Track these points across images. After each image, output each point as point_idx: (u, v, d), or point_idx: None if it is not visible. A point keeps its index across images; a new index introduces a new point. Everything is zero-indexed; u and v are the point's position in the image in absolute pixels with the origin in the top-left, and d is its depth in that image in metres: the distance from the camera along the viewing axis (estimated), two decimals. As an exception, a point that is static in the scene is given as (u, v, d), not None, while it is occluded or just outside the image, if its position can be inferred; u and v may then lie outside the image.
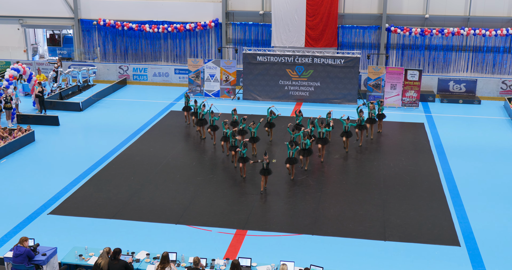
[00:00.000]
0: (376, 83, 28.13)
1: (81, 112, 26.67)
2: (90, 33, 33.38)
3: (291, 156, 18.18)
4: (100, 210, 16.37)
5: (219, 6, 31.71)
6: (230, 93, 29.37)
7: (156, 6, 32.39)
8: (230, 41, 32.27)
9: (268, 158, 17.54)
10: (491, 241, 14.83)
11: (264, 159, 17.39)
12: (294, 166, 18.59)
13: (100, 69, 32.76)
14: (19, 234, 14.70)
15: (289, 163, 18.31)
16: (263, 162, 17.45)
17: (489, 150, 21.88)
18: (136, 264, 12.52)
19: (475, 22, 30.11)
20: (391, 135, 23.87)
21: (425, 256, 14.03)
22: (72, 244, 13.87)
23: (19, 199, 17.13)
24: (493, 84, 29.73)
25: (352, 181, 18.70)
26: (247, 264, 12.37)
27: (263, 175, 17.53)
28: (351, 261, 13.77)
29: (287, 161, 18.33)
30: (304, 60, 28.30)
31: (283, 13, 30.27)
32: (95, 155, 20.88)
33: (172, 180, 18.66)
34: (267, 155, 17.58)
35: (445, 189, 18.09)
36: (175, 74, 32.23)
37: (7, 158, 20.60)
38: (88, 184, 18.24)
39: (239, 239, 14.81)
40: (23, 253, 12.19)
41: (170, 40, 32.73)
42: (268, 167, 17.52)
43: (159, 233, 15.09)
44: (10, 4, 33.61)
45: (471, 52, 30.51)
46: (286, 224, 15.62)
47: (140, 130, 23.89)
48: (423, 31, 29.91)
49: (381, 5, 30.30)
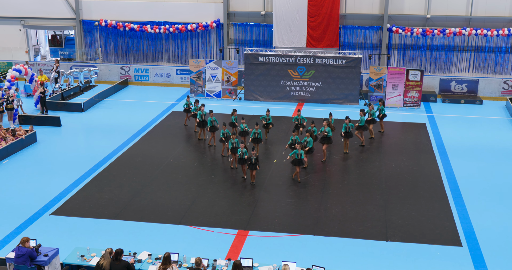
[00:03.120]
0: (378, 83, 28.11)
1: (83, 113, 26.69)
2: (91, 33, 33.42)
3: (299, 158, 18.23)
4: (102, 211, 16.38)
5: (221, 7, 31.73)
6: (232, 93, 29.38)
7: (158, 6, 32.42)
8: (231, 41, 32.28)
9: (255, 153, 18.01)
10: (493, 241, 14.81)
11: (252, 154, 17.90)
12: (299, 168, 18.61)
13: (102, 69, 32.79)
14: (21, 235, 14.71)
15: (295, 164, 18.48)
16: (251, 157, 17.90)
17: (491, 150, 21.85)
18: (138, 264, 12.53)
19: (477, 22, 30.08)
20: (393, 135, 23.85)
21: (427, 256, 14.02)
22: (74, 245, 13.89)
23: (21, 200, 17.15)
24: (495, 84, 29.70)
25: (354, 181, 18.70)
26: (249, 265, 12.37)
27: (243, 165, 18.27)
28: (353, 261, 13.76)
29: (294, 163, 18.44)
30: (306, 61, 28.30)
31: (284, 13, 30.28)
32: (97, 155, 20.90)
33: (173, 180, 18.67)
34: (255, 150, 18.11)
35: (447, 189, 18.07)
36: (176, 74, 32.25)
37: (9, 158, 20.63)
38: (90, 185, 18.26)
39: (241, 239, 14.81)
40: (25, 254, 12.21)
41: (171, 41, 32.75)
42: (255, 162, 17.93)
43: (161, 233, 15.09)
44: (11, 5, 33.67)
45: (473, 52, 30.49)
46: (288, 225, 15.62)
47: (141, 130, 23.90)
48: (425, 31, 29.90)
49: (383, 5, 30.29)
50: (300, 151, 18.32)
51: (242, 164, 18.33)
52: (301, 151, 18.36)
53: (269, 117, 22.08)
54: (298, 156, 18.33)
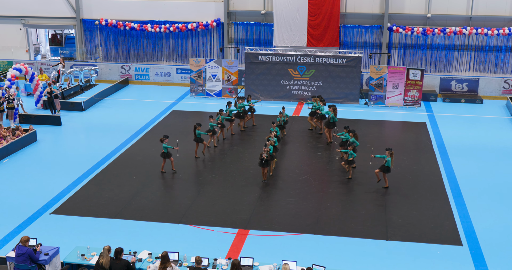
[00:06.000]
0: (378, 82, 28.10)
1: (83, 112, 26.69)
2: (92, 33, 33.41)
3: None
4: (102, 210, 16.38)
5: (221, 6, 31.71)
6: (232, 92, 29.36)
7: (158, 5, 32.40)
8: (232, 40, 32.27)
9: (267, 151, 17.94)
10: (493, 240, 14.81)
11: (264, 151, 17.88)
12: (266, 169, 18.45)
13: (102, 69, 32.78)
14: (22, 234, 14.71)
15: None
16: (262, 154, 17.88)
17: (491, 149, 21.85)
18: (138, 263, 12.53)
19: (477, 22, 30.06)
20: (393, 134, 23.85)
21: (427, 255, 14.02)
22: (74, 244, 13.89)
23: (22, 199, 17.15)
24: (495, 84, 29.68)
25: (354, 181, 18.68)
26: (249, 264, 12.38)
27: (262, 166, 18.16)
28: (353, 260, 13.76)
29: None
30: (306, 60, 28.29)
31: (285, 12, 30.26)
32: (97, 154, 20.90)
33: (174, 179, 18.67)
34: (267, 147, 18.06)
35: (447, 189, 18.07)
36: (177, 73, 32.25)
37: (9, 158, 20.63)
38: (90, 184, 18.26)
39: (241, 238, 14.81)
40: (25, 253, 12.22)
41: (172, 40, 32.74)
42: (267, 159, 17.94)
43: (161, 232, 15.10)
44: (12, 4, 33.65)
45: (473, 51, 30.47)
46: (288, 224, 15.61)
47: (142, 129, 23.90)
48: (425, 31, 29.88)
49: (383, 5, 30.27)
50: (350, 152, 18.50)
51: (261, 166, 18.27)
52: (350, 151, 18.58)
53: (285, 115, 22.30)
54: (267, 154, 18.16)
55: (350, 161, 18.68)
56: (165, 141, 18.90)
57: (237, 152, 21.27)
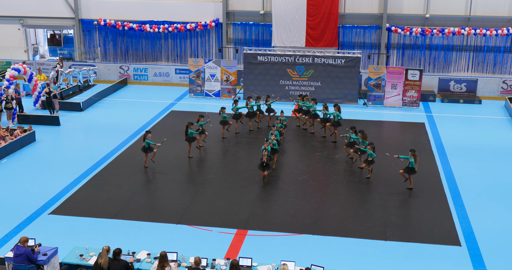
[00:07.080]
0: (377, 83, 28.12)
1: (82, 112, 26.68)
2: (90, 33, 33.39)
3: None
4: (101, 210, 16.37)
5: (220, 6, 31.71)
6: (231, 93, 29.37)
7: (157, 6, 32.40)
8: (230, 41, 32.27)
9: (267, 154, 18.06)
10: (492, 240, 14.82)
11: (264, 154, 17.98)
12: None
13: (101, 69, 32.77)
14: (20, 234, 14.70)
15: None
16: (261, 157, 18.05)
17: (490, 149, 21.87)
18: (136, 264, 12.53)
19: (476, 22, 30.10)
20: (392, 135, 23.87)
21: (425, 256, 14.03)
22: (73, 244, 13.88)
23: (20, 199, 17.13)
24: (494, 84, 29.72)
25: (352, 181, 18.70)
26: (247, 264, 12.38)
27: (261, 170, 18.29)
28: (352, 261, 13.77)
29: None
30: (305, 60, 28.30)
31: (283, 13, 30.27)
32: (95, 155, 20.89)
33: (172, 180, 18.67)
34: (266, 150, 18.15)
35: (446, 189, 18.08)
36: (175, 74, 32.24)
37: (7, 158, 20.61)
38: (88, 184, 18.25)
39: (240, 239, 14.81)
40: (23, 253, 12.20)
41: (170, 40, 32.73)
42: (267, 163, 18.06)
43: (160, 233, 15.09)
44: (10, 4, 33.63)
45: (472, 51, 30.50)
46: (287, 224, 15.62)
47: (140, 130, 23.90)
48: (424, 31, 29.91)
49: (382, 5, 30.29)
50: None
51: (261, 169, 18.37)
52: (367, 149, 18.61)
53: (283, 118, 22.06)
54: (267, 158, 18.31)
55: (370, 161, 18.69)
56: (148, 136, 19.13)
57: (236, 152, 21.28)
